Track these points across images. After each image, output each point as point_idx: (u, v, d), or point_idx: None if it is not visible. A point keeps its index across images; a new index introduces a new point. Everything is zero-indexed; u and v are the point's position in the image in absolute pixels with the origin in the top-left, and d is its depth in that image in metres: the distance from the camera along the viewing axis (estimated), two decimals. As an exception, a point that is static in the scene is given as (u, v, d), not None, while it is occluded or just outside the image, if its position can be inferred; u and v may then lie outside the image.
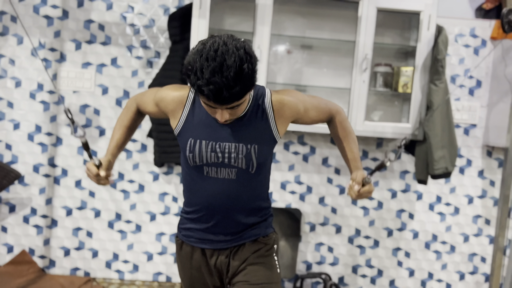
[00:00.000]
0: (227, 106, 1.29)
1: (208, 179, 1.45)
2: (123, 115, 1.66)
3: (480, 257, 3.14)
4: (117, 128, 1.64)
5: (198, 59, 1.23)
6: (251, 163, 1.43)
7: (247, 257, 1.51)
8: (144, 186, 3.00)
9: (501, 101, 2.89)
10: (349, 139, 1.61)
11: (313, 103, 1.55)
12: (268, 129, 1.45)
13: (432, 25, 2.65)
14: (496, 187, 3.10)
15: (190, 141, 1.43)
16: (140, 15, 2.90)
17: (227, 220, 1.49)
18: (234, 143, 1.41)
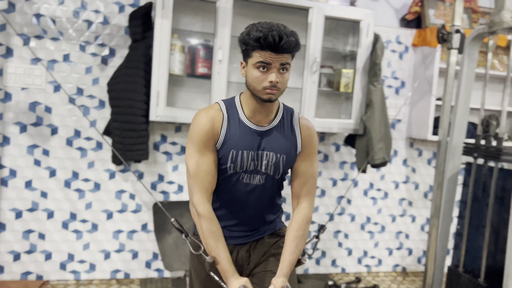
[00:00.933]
0: (282, 58, 1.43)
1: (241, 184, 1.56)
2: (209, 227, 1.50)
3: (404, 234, 3.64)
4: (214, 244, 1.50)
5: (256, 25, 1.44)
6: (278, 171, 1.58)
7: (267, 249, 1.66)
8: (100, 184, 2.98)
9: (421, 100, 3.38)
10: (300, 243, 1.58)
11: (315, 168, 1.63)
12: (294, 142, 1.60)
13: (371, 32, 3.02)
14: (417, 173, 3.61)
15: (233, 152, 1.52)
16: (95, 12, 2.87)
17: (251, 219, 1.62)
18: (266, 152, 1.55)
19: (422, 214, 3.66)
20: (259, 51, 1.43)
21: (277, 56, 1.43)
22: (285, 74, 1.48)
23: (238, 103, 1.57)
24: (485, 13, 3.57)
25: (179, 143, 3.08)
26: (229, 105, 1.57)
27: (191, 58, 2.89)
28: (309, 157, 1.61)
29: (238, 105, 1.56)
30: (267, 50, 1.42)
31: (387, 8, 3.41)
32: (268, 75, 1.45)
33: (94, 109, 2.92)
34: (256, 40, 1.42)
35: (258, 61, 1.44)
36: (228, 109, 1.55)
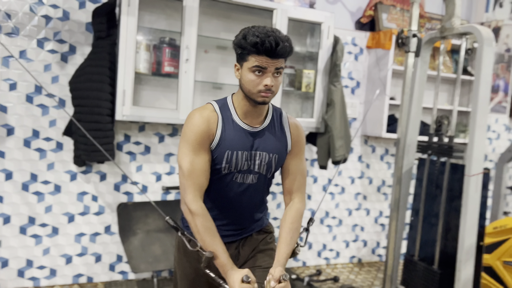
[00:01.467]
0: (277, 62, 1.47)
1: (235, 183, 1.59)
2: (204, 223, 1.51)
3: (360, 227, 3.83)
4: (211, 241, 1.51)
5: (251, 29, 1.46)
6: (271, 170, 1.62)
7: (255, 245, 1.71)
8: (61, 186, 2.86)
9: (375, 99, 3.56)
10: (294, 235, 1.63)
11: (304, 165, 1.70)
12: (285, 142, 1.65)
13: (331, 34, 3.15)
14: (371, 169, 3.80)
15: (228, 153, 1.54)
16: (53, 7, 2.75)
17: (241, 218, 1.66)
18: (259, 152, 1.59)
19: (375, 207, 3.87)
20: (255, 56, 1.46)
21: (273, 61, 1.47)
22: (279, 78, 1.53)
23: (231, 104, 1.60)
24: (431, 18, 3.83)
25: (143, 142, 3.03)
26: (223, 106, 1.59)
27: (157, 56, 2.86)
28: (299, 154, 1.68)
29: (231, 106, 1.59)
30: (263, 55, 1.45)
31: (343, 11, 3.55)
32: (263, 78, 1.49)
33: (53, 108, 2.80)
34: (253, 45, 1.44)
35: (254, 65, 1.47)
36: (221, 110, 1.58)
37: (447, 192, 2.89)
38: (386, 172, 3.87)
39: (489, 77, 2.60)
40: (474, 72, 2.64)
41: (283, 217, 1.68)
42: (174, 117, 2.80)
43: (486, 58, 2.59)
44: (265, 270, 1.65)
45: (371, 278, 3.55)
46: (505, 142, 4.35)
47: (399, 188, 2.85)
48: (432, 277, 2.87)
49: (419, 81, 3.04)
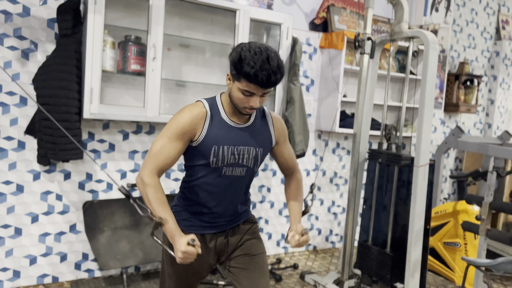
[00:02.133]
0: (266, 90, 1.59)
1: (224, 177, 1.70)
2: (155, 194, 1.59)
3: (314, 217, 4.06)
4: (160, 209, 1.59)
5: (248, 53, 1.53)
6: (257, 163, 1.75)
7: (243, 235, 1.83)
8: (24, 186, 2.80)
9: (328, 96, 3.79)
10: (300, 197, 1.88)
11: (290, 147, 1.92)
12: (269, 136, 1.79)
13: (290, 35, 3.31)
14: (324, 161, 4.04)
15: (214, 147, 1.65)
16: (13, 2, 2.67)
17: (229, 208, 1.77)
18: (246, 147, 1.71)
19: (328, 198, 4.12)
20: (246, 82, 1.56)
21: (262, 89, 1.59)
22: (264, 97, 1.65)
23: (220, 103, 1.71)
24: (377, 21, 4.12)
25: (107, 140, 3.03)
26: (212, 104, 1.70)
27: (123, 54, 2.87)
28: (286, 141, 1.87)
29: (220, 105, 1.70)
30: (254, 84, 1.55)
31: (298, 12, 3.73)
32: (251, 100, 1.60)
33: (14, 106, 2.73)
34: (246, 75, 1.54)
35: (244, 89, 1.58)
36: (211, 107, 1.68)
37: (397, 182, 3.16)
38: (338, 164, 4.13)
39: (434, 76, 2.89)
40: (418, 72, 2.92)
41: (287, 185, 1.92)
42: (141, 115, 2.84)
43: (432, 60, 2.88)
44: (253, 257, 1.79)
45: (326, 263, 3.80)
46: (441, 135, 4.78)
47: (356, 179, 3.08)
48: (385, 259, 3.14)
49: (371, 80, 3.30)
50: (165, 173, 3.20)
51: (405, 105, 3.12)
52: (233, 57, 1.58)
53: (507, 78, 5.24)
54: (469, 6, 4.88)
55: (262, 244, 1.87)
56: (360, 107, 3.02)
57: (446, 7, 4.50)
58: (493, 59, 5.19)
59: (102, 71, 2.73)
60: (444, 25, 4.52)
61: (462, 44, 4.89)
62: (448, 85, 4.74)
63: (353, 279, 3.18)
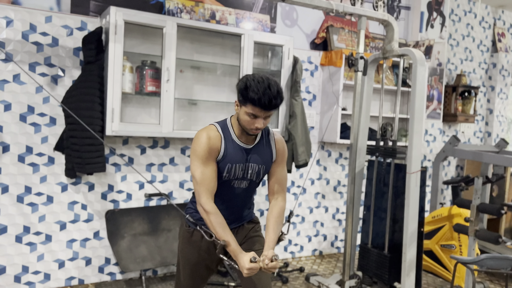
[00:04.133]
0: (269, 113, 1.87)
1: (232, 187, 2.01)
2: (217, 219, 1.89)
3: (320, 223, 4.31)
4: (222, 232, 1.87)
5: (252, 82, 1.83)
6: (259, 177, 2.05)
7: (247, 233, 2.12)
8: (53, 197, 3.13)
9: (329, 110, 4.07)
10: (279, 226, 2.03)
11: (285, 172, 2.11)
12: (270, 155, 2.06)
13: (291, 55, 3.62)
14: (328, 171, 4.30)
15: (228, 165, 1.94)
16: (43, 35, 3.03)
17: (236, 213, 2.07)
18: (252, 164, 2.00)
19: (333, 205, 4.37)
20: (252, 106, 1.85)
21: (265, 112, 1.87)
22: (268, 119, 1.93)
23: (230, 126, 2.00)
24: (375, 38, 4.40)
25: (127, 154, 3.35)
26: (223, 127, 1.99)
27: (140, 77, 3.20)
28: (282, 163, 2.11)
29: (230, 128, 1.99)
30: (258, 107, 1.84)
31: (300, 33, 4.04)
32: (256, 121, 1.88)
33: (45, 126, 3.07)
34: (251, 100, 1.83)
35: (250, 113, 1.86)
36: (223, 130, 1.98)
37: (393, 189, 3.42)
38: (341, 173, 4.39)
39: (424, 90, 3.16)
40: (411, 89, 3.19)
41: (269, 212, 2.09)
42: (157, 131, 3.15)
43: (420, 75, 3.14)
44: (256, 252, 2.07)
45: (331, 267, 4.04)
46: (440, 144, 5.01)
47: (353, 187, 3.34)
48: (383, 260, 3.38)
49: (367, 94, 3.57)
50: (179, 183, 3.51)
51: (397, 115, 3.38)
52: (240, 86, 1.88)
53: (505, 88, 5.46)
54: (464, 21, 5.14)
55: (263, 240, 2.15)
56: (356, 118, 3.29)
57: (441, 23, 4.77)
58: (491, 71, 5.41)
59: (122, 93, 3.06)
60: (440, 40, 4.78)
61: (459, 57, 5.13)
62: (446, 96, 4.98)
63: (354, 279, 3.42)
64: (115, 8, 2.94)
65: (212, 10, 3.58)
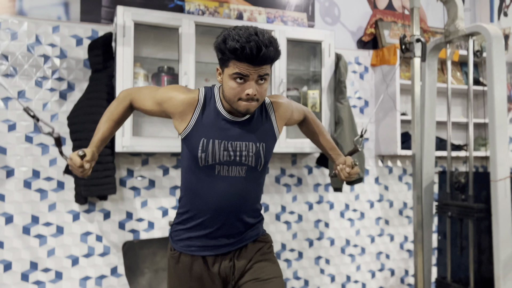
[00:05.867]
0: (261, 70, 1.38)
1: (219, 178, 1.48)
2: (113, 108, 1.61)
3: (385, 255, 3.57)
4: (104, 120, 1.60)
5: (232, 31, 1.35)
6: (260, 161, 1.51)
7: (251, 256, 1.56)
8: (63, 227, 2.74)
9: (386, 116, 3.43)
10: (324, 132, 1.81)
11: (295, 105, 1.73)
12: (271, 128, 1.57)
13: (332, 52, 3.08)
14: (390, 191, 3.60)
15: (203, 141, 1.45)
16: (51, 46, 2.75)
17: (232, 221, 1.52)
18: (245, 142, 1.49)
19: (399, 232, 3.62)
20: (235, 62, 1.37)
21: (255, 68, 1.37)
22: (263, 85, 1.43)
23: (217, 92, 1.51)
24: (436, 33, 3.75)
25: (147, 176, 2.92)
26: (208, 92, 1.52)
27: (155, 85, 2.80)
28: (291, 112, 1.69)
29: (217, 94, 1.51)
30: (244, 62, 1.35)
31: (344, 32, 3.50)
32: (245, 86, 1.39)
33: (53, 146, 2.73)
34: (232, 51, 1.35)
35: (235, 73, 1.38)
36: (206, 96, 1.50)
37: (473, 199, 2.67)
38: (406, 193, 3.66)
39: (503, 74, 2.46)
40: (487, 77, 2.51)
41: (304, 127, 1.83)
42: (176, 145, 2.70)
43: (497, 57, 2.47)
44: (264, 283, 1.47)
45: (402, 309, 3.26)
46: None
47: (421, 207, 2.63)
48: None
49: (429, 90, 2.92)
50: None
51: (472, 120, 2.68)
52: (217, 42, 1.40)
53: None
54: (545, 8, 4.33)
55: (276, 267, 1.55)
56: (416, 120, 2.62)
57: (516, 11, 4.02)
58: None
59: (134, 104, 2.67)
60: (517, 30, 4.01)
61: (543, 50, 4.30)
62: (531, 97, 4.13)
63: (431, 324, 2.65)
64: (122, 8, 2.60)
65: (239, 10, 3.16)
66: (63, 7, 2.80)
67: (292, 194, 3.28)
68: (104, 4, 2.87)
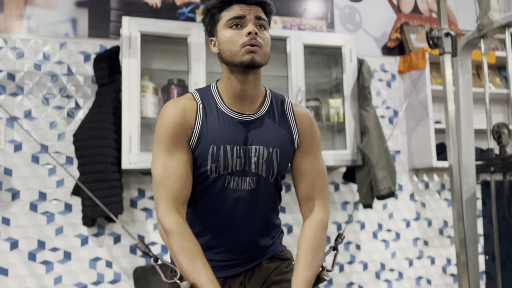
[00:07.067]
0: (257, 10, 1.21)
1: (228, 191, 1.25)
2: (179, 244, 1.15)
3: (426, 280, 3.20)
4: (188, 266, 1.13)
5: None
6: (272, 170, 1.27)
7: (266, 277, 1.31)
8: (71, 253, 2.57)
9: (418, 125, 3.14)
10: (319, 255, 1.23)
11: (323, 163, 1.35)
12: (289, 133, 1.30)
13: (354, 57, 2.86)
14: (427, 208, 3.26)
15: (212, 148, 1.21)
16: (58, 63, 2.66)
17: (241, 240, 1.29)
18: (255, 146, 1.24)
19: (441, 254, 3.25)
20: (227, 10, 1.22)
21: (250, 7, 1.21)
22: (265, 31, 1.24)
23: (215, 90, 1.30)
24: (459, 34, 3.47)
25: (159, 197, 2.73)
26: (204, 93, 1.30)
27: (165, 99, 2.66)
28: (312, 150, 1.31)
29: (215, 92, 1.29)
30: (234, 4, 1.21)
31: (367, 38, 3.28)
32: (243, 30, 1.21)
33: (61, 167, 2.60)
34: None
35: (229, 18, 1.21)
36: (203, 97, 1.28)
37: (525, 215, 2.32)
38: (447, 210, 3.31)
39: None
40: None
41: (301, 233, 1.28)
42: (187, 161, 2.51)
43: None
44: None
45: None
46: None
47: (462, 225, 2.30)
48: (529, 328, 2.21)
49: (464, 92, 2.63)
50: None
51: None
52: (204, 8, 1.26)
53: None
54: None
55: None
56: (451, 124, 2.33)
57: (557, 9, 3.70)
58: None
59: (143, 118, 2.52)
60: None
61: None
62: None
63: None
64: (128, 18, 2.49)
65: (253, 20, 3.01)
66: (70, 24, 2.72)
67: (317, 213, 3.00)
68: (113, 19, 2.78)
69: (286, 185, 2.94)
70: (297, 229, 2.94)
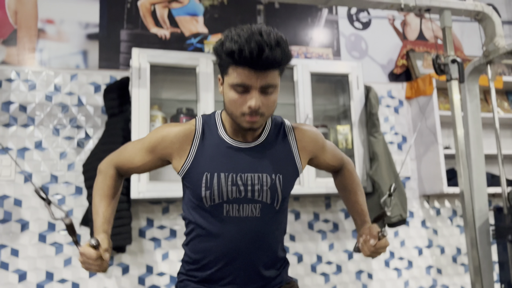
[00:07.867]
0: (265, 77, 1.15)
1: (229, 220, 1.24)
2: (100, 183, 1.39)
3: (440, 309, 3.12)
4: (98, 200, 1.35)
5: (233, 30, 1.15)
6: (276, 196, 1.26)
7: None
8: (79, 284, 2.54)
9: (428, 151, 3.12)
10: (358, 190, 1.49)
11: (330, 145, 1.48)
12: (291, 158, 1.31)
13: (361, 84, 2.87)
14: (439, 235, 3.20)
15: (206, 176, 1.22)
16: (69, 94, 2.71)
17: (247, 272, 1.27)
18: (257, 173, 1.25)
19: (455, 283, 3.17)
20: (235, 68, 1.15)
21: (258, 74, 1.14)
22: (270, 96, 1.20)
23: (218, 118, 1.31)
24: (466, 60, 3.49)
25: (167, 226, 2.72)
26: (208, 118, 1.31)
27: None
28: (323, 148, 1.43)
29: (218, 120, 1.30)
30: (244, 66, 1.13)
31: (373, 65, 3.31)
32: (247, 97, 1.17)
33: (70, 196, 2.61)
34: (229, 54, 1.13)
35: (233, 83, 1.16)
36: (205, 124, 1.29)
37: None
38: (459, 237, 3.25)
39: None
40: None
41: (338, 180, 1.53)
42: (196, 190, 2.50)
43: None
44: None
45: None
46: None
47: (476, 252, 2.25)
48: None
49: (472, 118, 2.62)
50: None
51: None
52: (216, 44, 1.21)
53: None
54: None
55: None
56: (461, 150, 2.31)
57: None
58: None
59: (152, 148, 2.53)
60: None
61: None
62: None
63: None
64: (137, 50, 2.54)
65: (260, 49, 3.05)
66: (81, 56, 2.78)
67: (328, 241, 2.96)
68: (123, 50, 2.84)
69: (295, 213, 2.91)
70: (307, 258, 2.90)
